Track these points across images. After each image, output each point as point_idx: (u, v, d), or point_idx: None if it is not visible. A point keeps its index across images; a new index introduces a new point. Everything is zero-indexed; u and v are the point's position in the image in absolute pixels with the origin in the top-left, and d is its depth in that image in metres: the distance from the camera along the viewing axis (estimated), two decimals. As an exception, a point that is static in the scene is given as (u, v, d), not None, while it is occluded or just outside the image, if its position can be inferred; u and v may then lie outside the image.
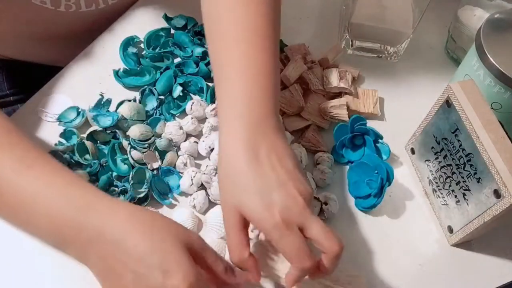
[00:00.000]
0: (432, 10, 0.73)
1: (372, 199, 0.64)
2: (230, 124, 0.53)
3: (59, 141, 0.65)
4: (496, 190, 0.54)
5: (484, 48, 0.62)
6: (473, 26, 0.74)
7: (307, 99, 0.71)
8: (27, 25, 0.73)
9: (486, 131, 0.55)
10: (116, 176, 0.63)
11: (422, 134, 0.66)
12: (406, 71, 0.79)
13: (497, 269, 0.63)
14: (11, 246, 0.58)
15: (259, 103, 0.54)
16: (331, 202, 0.63)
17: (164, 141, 0.64)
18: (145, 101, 0.70)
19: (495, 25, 0.64)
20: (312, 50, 0.77)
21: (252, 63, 0.56)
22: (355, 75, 0.76)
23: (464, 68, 0.68)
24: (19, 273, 0.57)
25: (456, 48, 0.79)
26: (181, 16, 0.78)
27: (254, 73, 0.55)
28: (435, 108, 0.63)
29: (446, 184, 0.63)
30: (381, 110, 0.74)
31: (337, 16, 0.84)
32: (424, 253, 0.63)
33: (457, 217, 0.62)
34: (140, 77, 0.72)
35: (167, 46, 0.75)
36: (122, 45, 0.74)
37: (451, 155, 0.61)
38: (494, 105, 0.65)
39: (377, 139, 0.68)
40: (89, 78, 0.71)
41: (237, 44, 0.57)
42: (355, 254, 0.61)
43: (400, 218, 0.66)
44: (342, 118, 0.70)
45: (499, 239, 0.65)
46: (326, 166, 0.66)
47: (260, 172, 0.50)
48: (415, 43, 0.79)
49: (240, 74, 0.55)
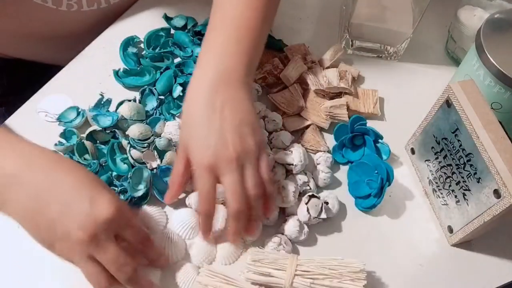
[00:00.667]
0: (432, 10, 0.74)
1: (372, 199, 0.64)
2: (200, 69, 0.59)
3: (59, 141, 0.65)
4: (496, 190, 0.54)
5: (484, 48, 0.62)
6: (473, 26, 0.74)
7: (307, 99, 0.71)
8: (28, 24, 0.73)
9: (486, 131, 0.55)
10: (116, 176, 0.63)
11: (422, 134, 0.66)
12: (406, 71, 0.79)
13: (497, 269, 0.63)
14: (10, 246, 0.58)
15: (231, 55, 0.59)
16: (331, 202, 0.63)
17: (163, 141, 0.64)
18: (145, 101, 0.70)
19: (495, 25, 0.64)
20: (312, 50, 0.77)
21: (241, 23, 0.61)
22: (355, 75, 0.76)
23: (464, 68, 0.68)
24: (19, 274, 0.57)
25: (456, 48, 0.79)
26: (181, 16, 0.78)
27: (237, 29, 0.61)
28: (435, 108, 0.63)
29: (446, 184, 0.63)
30: (381, 110, 0.74)
31: (337, 16, 0.84)
32: (424, 253, 0.63)
33: (457, 217, 0.62)
34: (140, 77, 0.72)
35: (167, 46, 0.75)
36: (122, 45, 0.74)
37: (451, 155, 0.61)
38: (494, 105, 0.65)
39: (377, 139, 0.68)
40: (89, 78, 0.71)
41: (232, 7, 0.62)
42: (355, 254, 0.61)
43: (400, 218, 0.66)
44: (342, 118, 0.70)
45: (499, 239, 0.65)
46: (326, 166, 0.66)
47: (210, 118, 0.56)
48: (415, 43, 0.79)
49: (225, 28, 0.61)
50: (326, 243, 0.63)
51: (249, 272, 0.56)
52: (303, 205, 0.61)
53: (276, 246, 0.60)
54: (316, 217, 0.61)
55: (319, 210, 0.61)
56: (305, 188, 0.64)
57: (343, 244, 0.63)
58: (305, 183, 0.63)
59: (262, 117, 0.69)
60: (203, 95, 0.57)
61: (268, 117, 0.68)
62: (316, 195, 0.62)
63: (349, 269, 0.56)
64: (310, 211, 0.60)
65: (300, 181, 0.63)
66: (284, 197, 0.61)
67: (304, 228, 0.61)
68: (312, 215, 0.60)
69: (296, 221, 0.61)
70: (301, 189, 0.63)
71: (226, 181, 0.55)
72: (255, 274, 0.56)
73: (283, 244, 0.60)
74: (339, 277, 0.56)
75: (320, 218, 0.61)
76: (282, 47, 0.76)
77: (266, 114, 0.69)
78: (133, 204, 0.61)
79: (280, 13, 0.68)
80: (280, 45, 0.77)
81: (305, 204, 0.61)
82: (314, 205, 0.61)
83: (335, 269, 0.56)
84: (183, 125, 0.59)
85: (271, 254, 0.57)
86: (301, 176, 0.64)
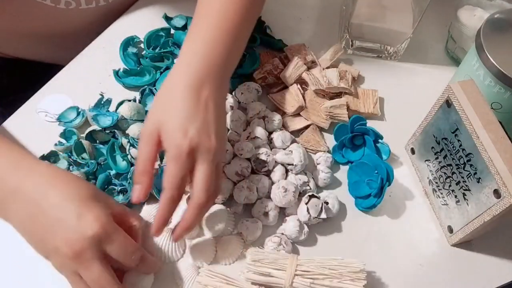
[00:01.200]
0: (432, 10, 0.73)
1: (372, 199, 0.64)
2: (187, 56, 0.58)
3: (59, 141, 0.65)
4: (496, 190, 0.54)
5: (484, 48, 0.62)
6: (473, 26, 0.74)
7: (307, 99, 0.71)
8: (27, 23, 0.73)
9: (486, 131, 0.55)
10: (115, 174, 0.63)
11: (422, 134, 0.66)
12: (406, 71, 0.79)
13: (497, 269, 0.63)
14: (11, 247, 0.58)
15: (219, 49, 0.59)
16: (331, 202, 0.63)
17: (164, 141, 0.64)
18: (145, 101, 0.70)
19: (495, 25, 0.64)
20: (312, 50, 0.77)
21: (227, 16, 0.61)
22: (355, 75, 0.76)
23: (464, 68, 0.68)
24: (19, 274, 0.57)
25: (456, 48, 0.79)
26: (181, 16, 0.78)
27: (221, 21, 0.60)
28: (435, 108, 0.63)
29: (446, 184, 0.63)
30: (381, 110, 0.74)
31: (337, 16, 0.84)
32: (424, 253, 0.63)
33: (457, 217, 0.62)
34: (140, 77, 0.72)
35: (167, 46, 0.75)
36: (122, 45, 0.74)
37: (451, 155, 0.61)
38: (494, 105, 0.65)
39: (377, 139, 0.68)
40: (89, 78, 0.71)
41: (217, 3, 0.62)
42: (355, 254, 0.61)
43: (400, 218, 0.66)
44: (342, 118, 0.70)
45: (499, 239, 0.65)
46: (326, 166, 0.66)
47: (194, 105, 0.55)
48: (415, 43, 0.79)
49: (209, 20, 0.61)
50: (326, 243, 0.63)
51: (249, 272, 0.56)
52: (303, 205, 0.61)
53: (276, 246, 0.60)
54: (316, 217, 0.61)
55: (319, 210, 0.61)
56: (305, 188, 0.64)
57: (343, 244, 0.63)
58: (305, 183, 0.64)
59: (262, 117, 0.69)
60: (188, 83, 0.56)
61: (268, 117, 0.68)
62: (316, 195, 0.62)
63: (349, 269, 0.56)
64: (310, 211, 0.60)
65: (300, 181, 0.63)
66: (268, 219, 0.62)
67: (304, 228, 0.61)
68: (312, 215, 0.60)
69: (296, 221, 0.61)
70: (301, 189, 0.63)
71: (201, 170, 0.53)
72: (255, 274, 0.56)
73: (283, 244, 0.60)
74: (339, 277, 0.56)
75: (320, 218, 0.61)
76: (282, 47, 0.76)
77: (266, 114, 0.69)
78: (133, 204, 0.61)
79: (280, 13, 0.68)
80: (280, 45, 0.77)
81: (305, 204, 0.61)
82: (314, 205, 0.61)
83: (335, 269, 0.56)
84: (158, 105, 0.57)
85: (271, 254, 0.57)
86: (301, 176, 0.64)
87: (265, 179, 0.63)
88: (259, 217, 0.62)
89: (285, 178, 0.64)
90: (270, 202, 0.62)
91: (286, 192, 0.61)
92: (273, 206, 0.62)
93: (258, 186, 0.63)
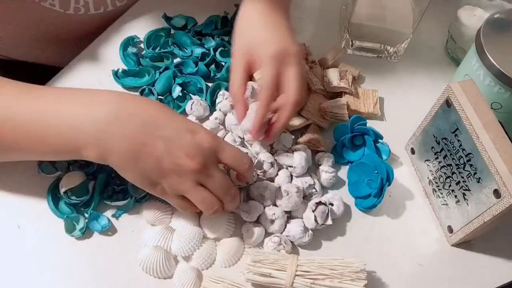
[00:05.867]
0: (432, 10, 0.74)
1: (372, 199, 0.64)
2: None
3: (59, 141, 0.64)
4: (496, 190, 0.54)
5: (484, 48, 0.62)
6: (473, 26, 0.74)
7: (307, 99, 0.71)
8: (36, 28, 0.73)
9: (486, 131, 0.55)
10: (115, 175, 0.62)
11: (422, 134, 0.66)
12: (406, 71, 0.79)
13: (497, 269, 0.63)
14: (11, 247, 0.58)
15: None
16: (336, 204, 0.63)
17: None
18: (145, 101, 0.70)
19: (495, 25, 0.64)
20: (312, 50, 0.77)
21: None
22: (355, 75, 0.76)
23: (464, 68, 0.68)
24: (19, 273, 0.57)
25: (456, 48, 0.79)
26: (181, 16, 0.78)
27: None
28: (435, 108, 0.63)
29: (446, 184, 0.63)
30: (381, 110, 0.74)
31: (337, 16, 0.84)
32: (424, 253, 0.63)
33: (457, 217, 0.62)
34: (139, 77, 0.72)
35: (167, 46, 0.75)
36: (122, 45, 0.74)
37: (451, 155, 0.61)
38: (494, 105, 0.65)
39: (377, 139, 0.68)
40: (89, 78, 0.71)
41: None
42: (355, 254, 0.61)
43: (400, 218, 0.66)
44: (342, 118, 0.70)
45: (499, 239, 0.65)
46: (329, 166, 0.66)
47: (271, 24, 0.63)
48: (415, 43, 0.79)
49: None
50: (326, 243, 0.63)
51: (249, 273, 0.56)
52: (310, 213, 0.60)
53: (276, 246, 0.59)
54: (323, 224, 0.60)
55: (325, 217, 0.60)
56: (311, 191, 0.63)
57: (343, 244, 0.63)
58: (311, 186, 0.63)
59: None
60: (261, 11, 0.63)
61: (268, 117, 0.68)
62: (323, 201, 0.61)
63: (349, 269, 0.56)
64: (318, 219, 0.60)
65: (306, 183, 0.63)
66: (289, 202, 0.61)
67: (308, 230, 0.61)
68: (320, 223, 0.60)
69: (301, 223, 0.61)
70: (306, 192, 0.63)
71: (293, 70, 0.60)
72: (256, 275, 0.56)
73: (283, 243, 0.60)
74: (339, 277, 0.56)
75: (325, 225, 0.60)
76: (282, 47, 0.76)
77: (266, 114, 0.69)
78: (135, 202, 0.61)
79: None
80: (280, 45, 0.77)
81: (312, 212, 0.60)
82: (321, 212, 0.60)
83: (335, 269, 0.56)
84: (240, 31, 0.64)
85: (271, 255, 0.57)
86: (306, 178, 0.63)
87: (272, 185, 0.62)
88: (266, 224, 0.61)
89: (290, 181, 0.63)
90: (277, 209, 0.61)
91: (289, 195, 0.60)
92: (281, 213, 0.61)
93: (265, 194, 0.61)
